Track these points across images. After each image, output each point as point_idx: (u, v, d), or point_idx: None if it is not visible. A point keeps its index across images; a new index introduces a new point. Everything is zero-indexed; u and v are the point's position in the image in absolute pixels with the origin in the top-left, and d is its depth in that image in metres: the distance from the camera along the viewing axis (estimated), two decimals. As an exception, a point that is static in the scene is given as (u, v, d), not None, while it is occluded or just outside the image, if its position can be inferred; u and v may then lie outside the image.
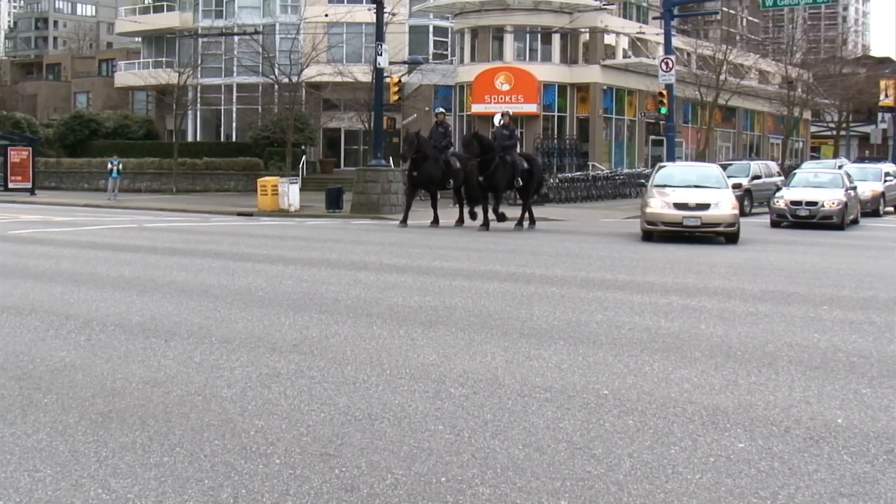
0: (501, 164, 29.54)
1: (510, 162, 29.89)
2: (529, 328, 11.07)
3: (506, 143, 30.29)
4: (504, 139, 30.55)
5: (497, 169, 29.42)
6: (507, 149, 30.14)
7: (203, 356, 9.47)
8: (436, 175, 31.53)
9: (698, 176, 28.39)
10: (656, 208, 25.80)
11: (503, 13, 60.92)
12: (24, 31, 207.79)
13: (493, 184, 29.77)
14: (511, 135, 31.15)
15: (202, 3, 76.01)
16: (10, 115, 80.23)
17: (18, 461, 6.30)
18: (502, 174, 29.67)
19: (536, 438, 6.79)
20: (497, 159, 29.40)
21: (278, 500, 5.64)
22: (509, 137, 30.80)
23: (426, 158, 31.15)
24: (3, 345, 10.05)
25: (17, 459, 6.33)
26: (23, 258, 19.37)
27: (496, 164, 29.37)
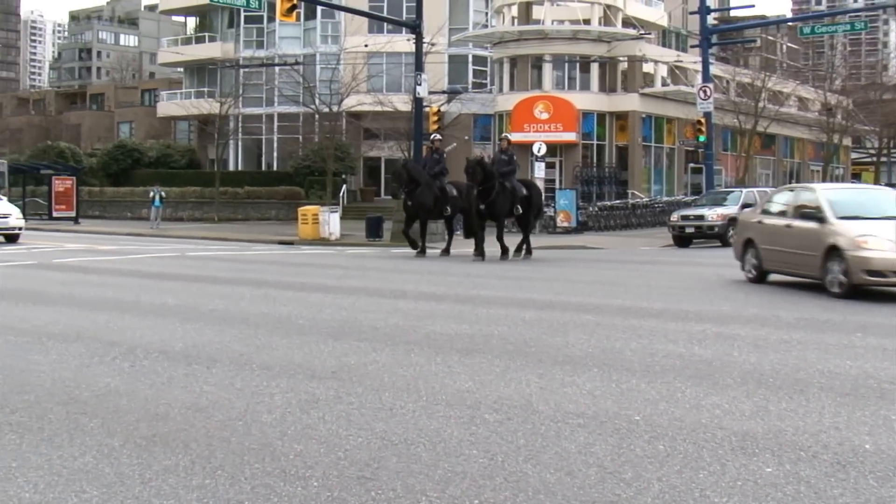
0: (502, 190, 28.85)
1: (510, 189, 29.19)
2: (564, 355, 11.23)
3: (504, 170, 29.45)
4: (503, 165, 29.72)
5: (498, 196, 28.74)
6: (506, 175, 29.33)
7: (244, 382, 9.69)
8: (428, 203, 30.54)
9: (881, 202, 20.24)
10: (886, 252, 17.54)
11: (541, 42, 61.24)
12: (68, 62, 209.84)
13: (494, 212, 29.10)
14: (510, 160, 30.18)
15: (243, 34, 76.70)
16: (55, 144, 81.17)
17: (66, 482, 6.52)
18: (503, 201, 28.98)
19: (568, 463, 6.94)
20: (497, 186, 28.67)
21: (316, 521, 5.84)
22: (508, 163, 29.93)
23: (418, 186, 30.31)
24: (51, 371, 10.30)
25: (64, 481, 6.56)
26: (68, 286, 19.69)
27: (497, 191, 28.66)
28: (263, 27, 75.39)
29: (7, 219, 37.10)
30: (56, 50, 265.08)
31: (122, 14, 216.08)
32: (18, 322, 14.19)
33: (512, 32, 62.73)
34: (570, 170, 61.11)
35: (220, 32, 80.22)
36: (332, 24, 73.59)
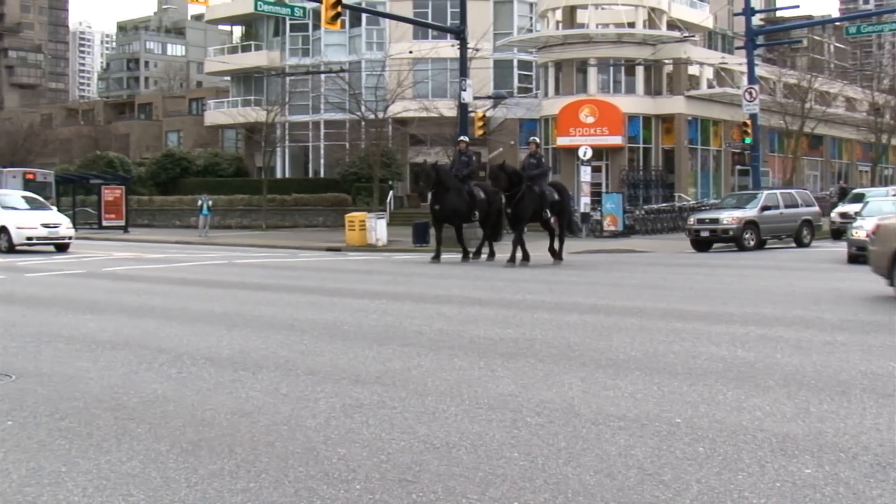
0: (528, 193, 28.51)
1: (538, 192, 28.84)
2: (607, 359, 11.28)
3: (533, 173, 29.13)
4: (531, 168, 29.42)
5: (523, 198, 28.41)
6: (534, 178, 29.02)
7: (289, 388, 9.80)
8: (459, 207, 30.15)
9: None
10: None
11: (586, 46, 61.14)
12: (116, 72, 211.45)
13: (517, 214, 28.72)
14: (539, 163, 29.91)
15: (289, 42, 77.07)
16: (104, 154, 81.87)
17: (114, 486, 6.65)
18: (528, 204, 28.54)
19: (608, 465, 7.00)
20: (524, 189, 28.42)
21: (358, 523, 5.94)
22: (537, 166, 29.64)
23: (448, 190, 29.94)
24: (99, 377, 10.45)
25: (112, 485, 6.69)
26: (116, 294, 19.89)
27: (522, 194, 28.38)
28: (309, 35, 75.72)
29: (57, 228, 37.44)
30: (104, 60, 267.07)
31: (169, 24, 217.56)
32: (68, 330, 14.37)
33: (557, 37, 62.69)
34: (616, 173, 61.01)
35: (265, 41, 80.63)
36: (377, 31, 73.79)
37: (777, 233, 39.22)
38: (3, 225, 36.94)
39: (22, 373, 10.77)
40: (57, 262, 30.54)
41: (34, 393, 9.72)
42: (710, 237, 37.97)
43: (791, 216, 39.27)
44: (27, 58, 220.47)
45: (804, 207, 40.03)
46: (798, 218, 39.11)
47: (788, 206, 39.56)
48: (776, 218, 38.73)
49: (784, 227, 39.22)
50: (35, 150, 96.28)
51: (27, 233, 36.70)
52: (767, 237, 38.71)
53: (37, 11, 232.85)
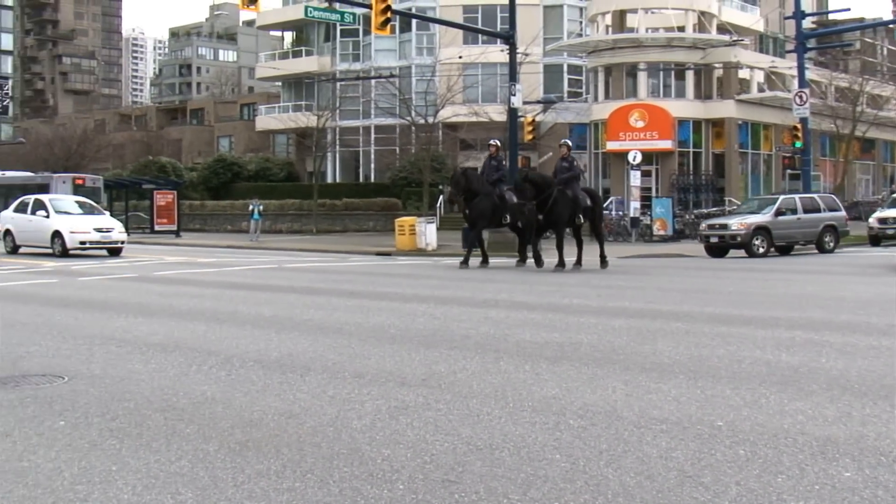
0: (560, 198, 27.73)
1: (571, 196, 28.10)
2: (651, 363, 11.33)
3: (565, 176, 28.42)
4: (563, 172, 28.62)
5: (556, 203, 27.65)
6: (567, 182, 28.32)
7: (336, 390, 9.93)
8: (486, 211, 29.68)
9: None
10: None
11: (636, 50, 61.12)
12: (168, 78, 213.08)
13: (552, 220, 28.03)
14: (571, 166, 28.98)
15: (339, 48, 77.48)
16: (157, 159, 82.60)
17: (163, 485, 6.79)
18: (562, 209, 27.82)
19: (648, 467, 7.07)
20: (556, 193, 27.66)
21: (400, 521, 6.05)
22: (569, 169, 28.78)
23: (477, 195, 29.49)
24: (150, 379, 10.62)
25: (161, 483, 6.83)
26: (168, 298, 20.12)
27: (555, 199, 27.59)
28: (359, 40, 76.08)
29: (110, 233, 37.84)
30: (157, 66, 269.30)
31: (221, 30, 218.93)
32: (120, 332, 14.57)
33: (606, 41, 62.70)
34: (666, 178, 60.96)
35: (316, 46, 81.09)
36: (427, 36, 74.07)
37: (794, 239, 38.40)
38: (57, 229, 37.40)
39: (75, 374, 10.96)
40: (109, 266, 30.87)
41: (86, 394, 9.90)
42: (720, 243, 37.34)
43: (811, 222, 38.15)
44: (81, 64, 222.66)
45: (827, 213, 38.93)
46: (819, 223, 38.10)
47: (809, 212, 38.42)
48: (793, 224, 37.84)
49: (802, 234, 38.27)
50: (88, 155, 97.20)
51: (80, 237, 37.12)
52: (782, 243, 38.04)
53: (90, 18, 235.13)
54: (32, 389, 10.21)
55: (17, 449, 7.82)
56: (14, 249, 39.78)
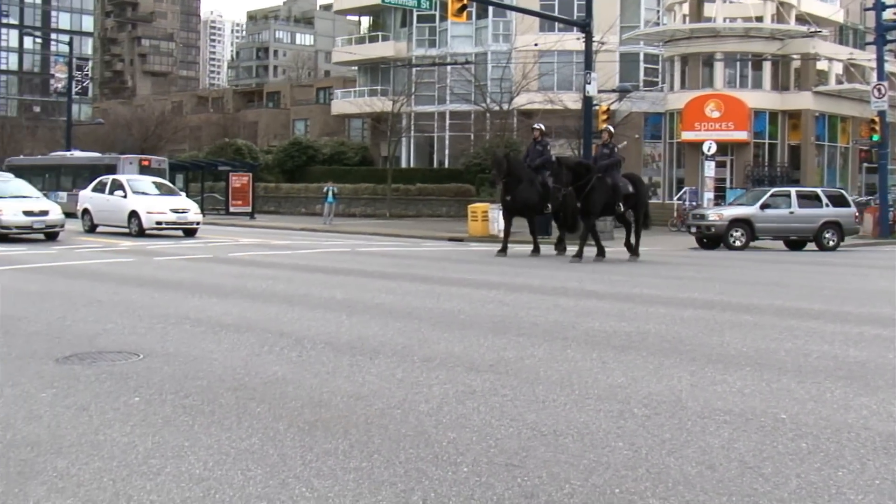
0: (599, 185, 27.11)
1: (610, 184, 27.42)
2: (718, 354, 11.37)
3: (605, 163, 27.79)
4: (604, 158, 28.14)
5: (593, 191, 27.03)
6: (607, 169, 27.62)
7: (404, 373, 10.08)
8: (531, 199, 29.01)
9: None
10: None
11: (713, 40, 60.70)
12: (245, 61, 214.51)
13: (586, 207, 27.30)
14: (612, 153, 28.32)
15: (416, 33, 77.51)
16: (233, 142, 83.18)
17: (233, 461, 6.98)
18: (599, 196, 27.14)
19: (710, 457, 7.15)
20: (594, 181, 27.03)
21: (463, 503, 6.17)
22: (609, 156, 28.17)
23: (520, 181, 28.71)
24: (223, 359, 10.83)
25: (231, 460, 7.02)
26: (241, 279, 20.36)
27: (592, 186, 26.97)
28: (436, 26, 76.11)
29: (186, 214, 38.25)
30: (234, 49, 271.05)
31: (298, 14, 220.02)
32: (194, 312, 14.81)
33: (683, 30, 62.35)
34: (741, 169, 60.54)
35: (393, 32, 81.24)
36: (504, 23, 73.94)
37: (783, 233, 37.54)
38: (134, 209, 37.87)
39: (150, 352, 11.20)
40: (184, 247, 31.23)
41: (160, 371, 10.12)
42: (697, 234, 37.17)
43: (807, 217, 36.88)
44: (159, 46, 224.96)
45: (829, 208, 37.34)
46: (818, 219, 36.74)
47: (806, 206, 37.29)
48: (784, 218, 36.83)
49: (794, 228, 37.23)
50: (166, 136, 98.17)
51: (157, 217, 37.57)
52: (769, 237, 37.68)
53: (170, 1, 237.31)
54: (109, 366, 10.45)
55: (94, 423, 8.05)
56: (92, 228, 40.33)
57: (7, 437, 7.65)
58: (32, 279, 20.34)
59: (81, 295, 17.19)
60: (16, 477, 6.70)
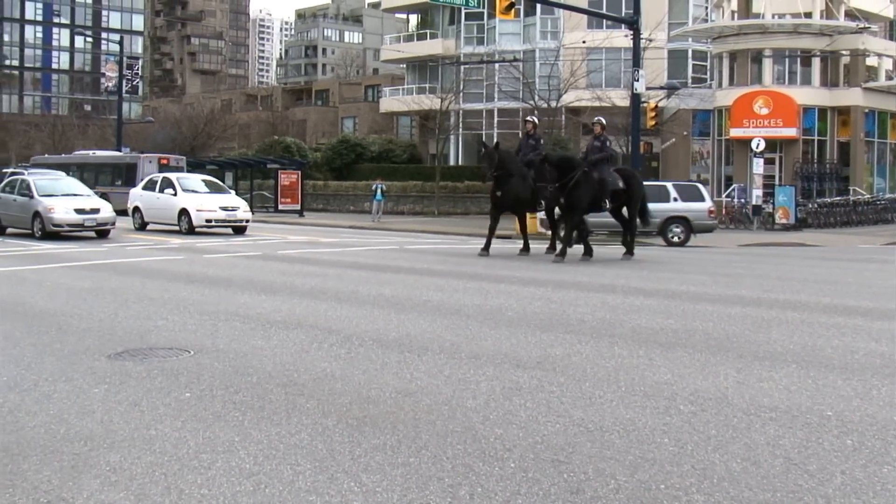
0: (584, 179, 25.59)
1: (596, 179, 25.88)
2: (764, 351, 11.39)
3: (595, 157, 26.28)
4: (595, 152, 26.51)
5: (578, 186, 25.47)
6: (596, 164, 26.12)
7: (452, 370, 10.16)
8: (524, 195, 27.26)
9: None
10: None
11: (762, 37, 60.32)
12: (294, 59, 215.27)
13: (570, 203, 25.71)
14: (603, 146, 26.65)
15: (464, 31, 77.52)
16: (281, 139, 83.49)
17: (283, 456, 7.09)
18: (584, 192, 25.58)
19: (755, 454, 7.19)
20: (579, 175, 25.52)
21: (510, 498, 6.24)
22: (600, 150, 26.52)
23: (511, 176, 27.01)
24: (272, 355, 10.96)
25: (281, 455, 7.13)
26: (290, 276, 20.51)
27: (577, 181, 25.43)
28: (484, 24, 76.10)
29: (235, 211, 38.49)
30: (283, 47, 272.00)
31: (347, 11, 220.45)
32: (244, 309, 14.97)
33: (732, 27, 61.97)
34: (789, 166, 60.15)
35: (441, 29, 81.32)
36: (552, 20, 73.81)
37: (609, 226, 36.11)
38: (184, 207, 38.17)
39: (200, 349, 11.34)
40: (234, 244, 31.45)
41: (211, 367, 10.26)
42: None
43: (658, 212, 35.51)
44: (209, 45, 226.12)
45: (678, 202, 37.09)
46: (663, 214, 36.08)
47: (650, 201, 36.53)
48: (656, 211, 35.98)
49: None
50: (215, 134, 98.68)
51: (206, 215, 37.84)
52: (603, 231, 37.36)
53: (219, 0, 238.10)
54: (160, 362, 10.61)
55: (146, 418, 8.19)
56: (142, 226, 40.67)
57: (61, 431, 7.80)
58: (84, 276, 20.57)
59: (132, 292, 17.40)
60: (70, 471, 6.84)
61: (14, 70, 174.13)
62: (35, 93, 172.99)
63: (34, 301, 16.31)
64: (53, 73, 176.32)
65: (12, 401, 8.85)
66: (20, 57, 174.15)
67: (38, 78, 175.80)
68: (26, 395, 9.10)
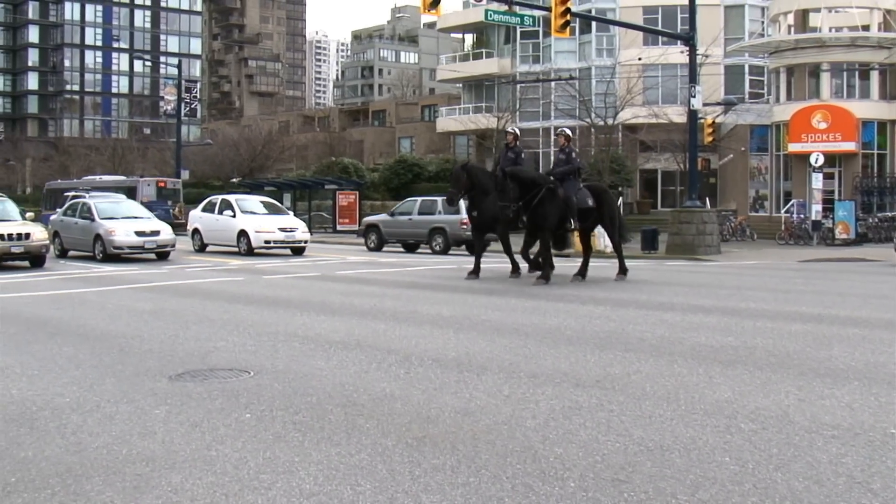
0: (548, 196, 23.80)
1: (562, 197, 24.06)
2: (826, 368, 11.29)
3: (560, 170, 24.76)
4: (560, 165, 25.03)
5: (542, 203, 23.71)
6: (562, 178, 24.48)
7: (511, 389, 10.15)
8: (501, 213, 24.61)
9: None
10: None
11: (819, 51, 59.95)
12: (351, 80, 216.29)
13: (535, 222, 24.04)
14: (568, 159, 24.99)
15: (519, 50, 77.71)
16: (339, 160, 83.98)
17: (343, 476, 7.11)
18: (550, 209, 23.85)
19: (817, 472, 7.13)
20: (544, 192, 23.73)
21: (570, 518, 6.25)
22: (566, 163, 24.90)
23: (486, 193, 24.72)
24: (332, 375, 10.99)
25: (341, 475, 7.15)
26: (349, 297, 20.57)
27: (541, 198, 23.67)
28: (539, 42, 76.22)
29: (294, 232, 38.67)
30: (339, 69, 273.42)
31: (403, 32, 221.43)
32: (303, 330, 15.02)
33: (788, 41, 61.65)
34: (849, 180, 59.69)
35: (496, 48, 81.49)
36: (607, 38, 73.85)
37: (404, 237, 42.89)
38: (243, 229, 38.40)
39: (260, 369, 11.40)
40: (293, 265, 31.57)
41: (270, 388, 10.31)
42: None
43: (421, 223, 41.71)
44: (266, 67, 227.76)
45: (440, 215, 40.97)
46: (429, 225, 41.19)
47: (423, 214, 42.07)
48: (405, 224, 42.43)
49: (411, 233, 42.38)
50: (273, 156, 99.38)
51: (265, 236, 38.05)
52: (393, 241, 43.24)
53: (275, 22, 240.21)
54: (220, 383, 10.67)
55: (206, 439, 8.24)
56: (202, 247, 40.95)
57: (123, 452, 7.87)
58: (145, 298, 20.75)
59: (193, 313, 17.53)
60: (132, 491, 6.90)
61: (75, 95, 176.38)
62: (95, 117, 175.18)
63: (96, 323, 16.47)
64: (113, 98, 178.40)
65: (75, 422, 8.93)
66: (81, 82, 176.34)
67: (98, 102, 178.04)
68: (88, 416, 9.18)
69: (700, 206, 41.67)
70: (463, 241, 40.12)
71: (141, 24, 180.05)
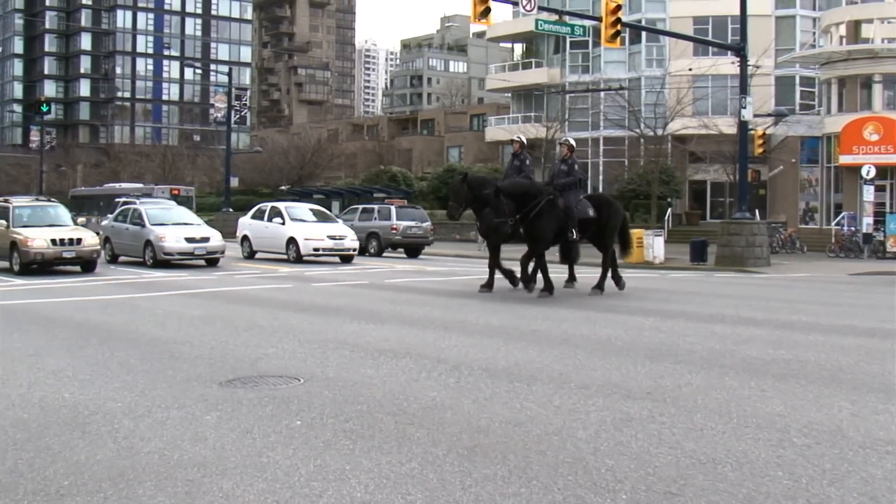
0: (548, 208, 23.23)
1: (562, 207, 23.46)
2: (880, 383, 11.19)
3: (562, 181, 23.98)
4: (561, 176, 24.20)
5: (541, 215, 23.15)
6: (563, 189, 23.79)
7: (562, 400, 10.12)
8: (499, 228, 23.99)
9: None
10: None
11: (871, 62, 59.51)
12: (400, 89, 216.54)
13: (532, 234, 23.47)
14: (570, 171, 24.27)
15: (569, 60, 77.60)
16: (388, 169, 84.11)
17: (393, 485, 7.11)
18: (547, 221, 23.29)
19: (872, 488, 7.07)
20: (543, 204, 23.16)
21: (623, 530, 6.21)
22: (567, 174, 24.19)
23: (486, 205, 23.83)
24: (382, 384, 11.00)
25: (391, 484, 7.15)
26: (398, 305, 20.59)
27: (540, 209, 23.09)
28: (588, 52, 76.11)
29: (342, 240, 38.75)
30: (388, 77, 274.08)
31: (452, 41, 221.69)
32: (353, 338, 15.04)
33: (840, 52, 61.26)
34: (902, 193, 59.24)
35: (546, 58, 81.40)
36: (657, 48, 73.69)
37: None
38: (292, 236, 38.52)
39: (310, 377, 11.42)
40: (342, 273, 31.65)
41: (321, 396, 10.32)
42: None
43: (362, 228, 45.92)
44: (315, 75, 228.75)
45: (376, 221, 47.48)
46: (366, 231, 46.31)
47: (364, 219, 48.06)
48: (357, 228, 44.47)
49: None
50: (322, 164, 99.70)
51: (314, 244, 38.15)
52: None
53: (325, 31, 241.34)
54: (270, 390, 10.70)
55: (257, 446, 8.26)
56: (251, 254, 41.14)
57: (175, 457, 7.90)
58: (195, 304, 20.86)
59: (243, 320, 17.59)
60: (183, 496, 6.93)
61: (126, 102, 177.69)
62: (146, 124, 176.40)
63: (147, 328, 16.56)
64: (164, 105, 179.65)
65: (127, 426, 8.99)
66: (132, 89, 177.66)
67: (148, 109, 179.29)
68: (140, 420, 9.23)
69: (749, 217, 41.47)
70: (393, 244, 47.20)
71: (192, 31, 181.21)
